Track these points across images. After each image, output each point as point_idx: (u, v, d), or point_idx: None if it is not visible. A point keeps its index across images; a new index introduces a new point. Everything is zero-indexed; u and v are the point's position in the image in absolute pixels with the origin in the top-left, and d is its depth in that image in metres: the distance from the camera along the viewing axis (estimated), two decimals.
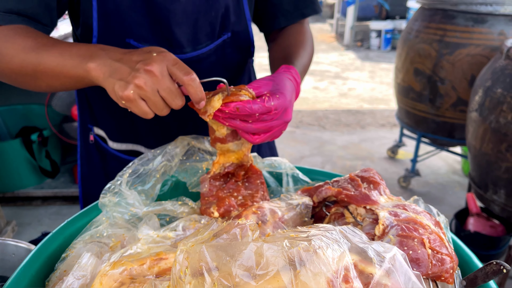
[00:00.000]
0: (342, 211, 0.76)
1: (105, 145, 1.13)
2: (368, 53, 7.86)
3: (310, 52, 1.06)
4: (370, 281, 0.48)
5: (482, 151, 2.18)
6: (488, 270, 0.62)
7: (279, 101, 0.77)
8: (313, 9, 1.10)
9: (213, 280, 0.45)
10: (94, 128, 1.14)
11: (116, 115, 1.08)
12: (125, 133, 1.11)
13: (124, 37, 0.94)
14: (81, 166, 1.21)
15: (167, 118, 1.05)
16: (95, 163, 1.17)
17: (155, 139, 1.09)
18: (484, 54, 2.59)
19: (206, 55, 0.99)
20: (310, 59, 1.05)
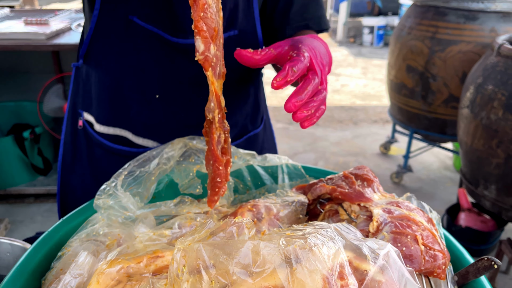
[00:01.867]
0: (336, 208, 0.77)
1: (92, 131, 1.10)
2: (361, 49, 7.88)
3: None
4: (365, 277, 0.49)
5: (473, 147, 2.20)
6: (479, 266, 0.63)
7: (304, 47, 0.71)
8: (325, 23, 1.09)
9: (211, 278, 0.46)
10: (84, 113, 1.11)
11: (107, 99, 1.05)
12: (115, 116, 1.07)
13: (127, 14, 0.93)
14: (64, 153, 1.16)
15: (157, 105, 1.03)
16: (81, 149, 1.13)
17: (143, 126, 1.06)
18: (475, 51, 2.61)
19: None
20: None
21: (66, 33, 2.65)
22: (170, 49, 0.97)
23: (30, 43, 2.46)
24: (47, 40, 2.49)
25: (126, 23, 0.94)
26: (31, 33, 2.50)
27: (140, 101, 1.03)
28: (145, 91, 1.02)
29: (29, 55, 3.08)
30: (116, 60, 1.00)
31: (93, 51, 1.01)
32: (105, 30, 0.97)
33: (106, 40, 0.98)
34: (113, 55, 1.00)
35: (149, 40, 0.96)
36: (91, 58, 1.03)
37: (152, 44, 0.96)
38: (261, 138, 1.23)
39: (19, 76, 3.16)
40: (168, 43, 0.96)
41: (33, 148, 2.85)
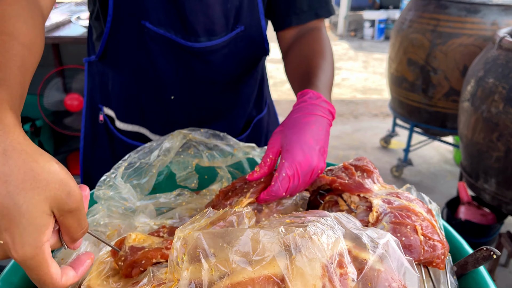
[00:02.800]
0: (336, 199, 0.77)
1: (112, 127, 1.13)
2: (362, 43, 7.85)
3: (331, 62, 0.96)
4: (364, 266, 0.49)
5: (473, 141, 2.20)
6: (478, 256, 0.63)
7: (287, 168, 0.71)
8: (328, 10, 1.05)
9: (210, 266, 0.46)
10: (104, 108, 1.14)
11: (123, 98, 1.08)
12: (133, 114, 1.11)
13: (139, 19, 0.93)
14: (84, 147, 1.19)
15: (172, 105, 1.06)
16: (103, 144, 1.16)
17: (160, 124, 1.10)
18: (476, 44, 2.60)
19: (219, 46, 0.99)
20: (332, 68, 0.95)
21: (66, 26, 2.64)
22: (183, 53, 0.98)
23: None
24: (47, 33, 2.48)
25: (139, 28, 0.95)
26: None
27: (155, 102, 1.06)
28: (160, 93, 1.04)
29: None
30: (131, 63, 1.01)
31: (109, 53, 1.03)
32: (119, 35, 0.98)
33: (121, 44, 1.00)
34: (128, 58, 1.01)
35: (162, 44, 0.97)
36: (107, 59, 1.05)
37: (165, 48, 0.98)
38: (265, 122, 1.26)
39: None
40: (181, 47, 0.97)
41: (34, 141, 2.84)
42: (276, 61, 6.05)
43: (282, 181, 0.70)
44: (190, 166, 0.95)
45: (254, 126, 1.22)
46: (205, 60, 1.00)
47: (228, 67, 1.04)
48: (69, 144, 3.30)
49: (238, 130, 1.17)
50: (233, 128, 1.15)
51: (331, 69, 0.93)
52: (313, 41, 1.00)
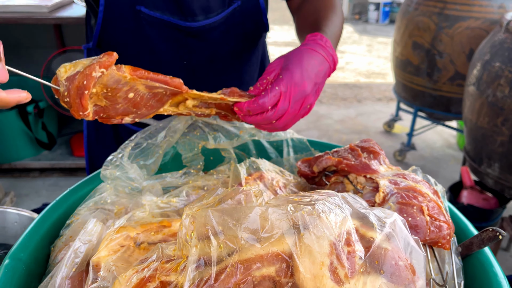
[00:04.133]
0: (342, 180, 0.78)
1: None
2: (366, 26, 7.77)
3: (340, 16, 0.95)
4: (371, 245, 0.49)
5: (478, 125, 2.19)
6: (483, 237, 0.63)
7: (282, 83, 0.70)
8: None
9: (219, 242, 0.46)
10: None
11: None
12: None
13: (134, 4, 0.92)
14: (88, 133, 1.20)
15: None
16: (105, 129, 1.16)
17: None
18: (483, 27, 2.57)
19: (217, 23, 0.98)
20: (341, 23, 0.94)
21: (68, 6, 2.62)
22: (181, 34, 0.97)
23: (32, 16, 2.44)
24: (49, 13, 2.46)
25: (134, 13, 0.93)
26: (33, 6, 2.47)
27: None
28: None
29: (32, 29, 3.05)
30: (129, 50, 1.00)
31: (105, 41, 1.01)
32: (114, 23, 0.97)
33: (117, 33, 0.98)
34: (125, 45, 1.00)
35: (160, 28, 0.95)
36: (103, 48, 1.03)
37: (163, 32, 0.96)
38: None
39: (22, 50, 3.13)
40: (178, 28, 0.96)
41: (37, 122, 2.86)
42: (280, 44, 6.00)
43: (272, 94, 0.68)
44: (196, 148, 0.95)
45: None
46: (204, 39, 0.98)
47: (228, 44, 1.02)
48: (72, 126, 3.30)
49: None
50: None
51: (340, 23, 0.92)
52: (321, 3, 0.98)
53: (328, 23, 0.87)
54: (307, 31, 0.87)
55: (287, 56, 0.76)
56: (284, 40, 6.43)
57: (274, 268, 0.47)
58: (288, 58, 0.75)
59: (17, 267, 0.63)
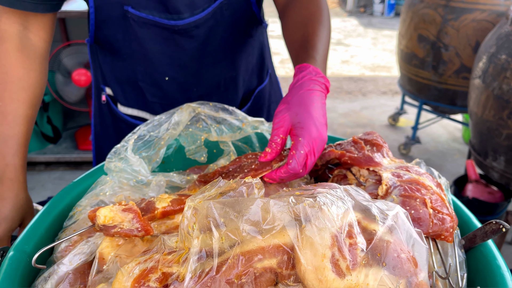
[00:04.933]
0: (345, 173, 0.77)
1: (115, 107, 1.14)
2: (371, 19, 7.72)
3: (327, 25, 0.94)
4: (373, 237, 0.49)
5: (483, 118, 2.18)
6: (487, 230, 0.63)
7: (304, 144, 0.71)
8: None
9: (221, 234, 0.47)
10: (106, 88, 1.14)
11: (123, 81, 1.08)
12: (132, 100, 1.11)
13: (122, 4, 0.93)
14: (94, 125, 1.22)
15: (169, 86, 1.05)
16: (107, 122, 1.18)
17: (160, 105, 1.09)
18: (489, 19, 2.55)
19: (204, 19, 0.97)
20: (329, 32, 0.94)
21: (72, 1, 2.62)
22: (169, 32, 0.97)
23: None
24: None
25: (122, 13, 0.94)
26: None
27: (152, 84, 1.06)
28: (155, 76, 1.04)
29: None
30: (123, 48, 1.01)
31: (99, 39, 1.02)
32: (105, 23, 0.97)
33: (108, 32, 0.99)
34: (118, 44, 1.00)
35: (147, 27, 0.96)
36: (101, 45, 1.04)
37: (151, 31, 0.96)
38: (267, 92, 1.25)
39: None
40: (165, 27, 0.96)
41: (42, 116, 2.87)
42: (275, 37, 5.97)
43: (299, 158, 0.70)
44: (199, 140, 0.95)
45: (255, 97, 1.20)
46: (192, 36, 0.98)
47: (217, 38, 1.01)
48: (77, 120, 3.32)
49: (238, 102, 1.16)
50: (234, 100, 1.14)
51: (327, 34, 0.92)
52: (308, 2, 0.96)
53: (316, 42, 0.87)
54: (296, 50, 0.89)
55: (291, 110, 0.75)
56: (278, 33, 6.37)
57: (276, 260, 0.47)
58: (295, 113, 0.75)
59: (21, 259, 0.63)
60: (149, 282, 0.47)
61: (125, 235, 0.60)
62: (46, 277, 0.61)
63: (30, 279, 0.63)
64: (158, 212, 0.65)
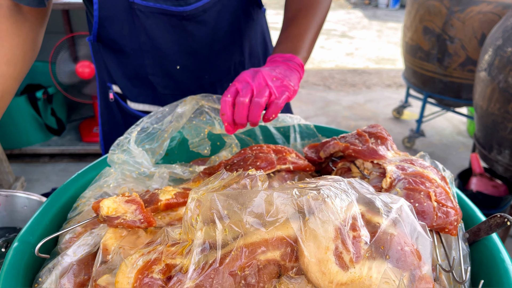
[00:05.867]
0: (349, 166, 0.77)
1: (124, 104, 1.14)
2: (376, 11, 7.67)
3: (323, 10, 0.99)
4: (377, 230, 0.49)
5: (488, 111, 2.16)
6: (491, 223, 0.63)
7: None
8: None
9: (224, 226, 0.47)
10: (113, 86, 1.14)
11: (131, 77, 1.08)
12: (142, 95, 1.10)
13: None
14: (102, 124, 1.22)
15: (180, 75, 1.05)
16: (117, 120, 1.17)
17: (172, 96, 1.09)
18: (496, 11, 2.52)
19: (211, 3, 0.97)
20: (323, 21, 0.99)
21: None
22: (177, 20, 0.96)
23: None
24: None
25: (128, 6, 0.93)
26: None
27: (163, 76, 1.05)
28: (166, 66, 1.03)
29: None
30: (130, 42, 1.00)
31: (104, 37, 1.01)
32: (110, 17, 0.96)
33: (114, 26, 0.98)
34: (125, 38, 1.00)
35: (155, 17, 0.95)
36: (105, 43, 1.03)
37: (159, 20, 0.96)
38: None
39: None
40: (173, 14, 0.95)
41: (46, 108, 2.87)
42: None
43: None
44: (203, 132, 0.95)
45: None
46: (201, 21, 0.98)
47: (225, 23, 1.02)
48: (81, 112, 3.32)
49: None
50: None
51: (317, 28, 0.96)
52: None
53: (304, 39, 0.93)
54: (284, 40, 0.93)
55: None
56: None
57: (279, 252, 0.47)
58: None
59: (26, 250, 0.64)
60: (153, 273, 0.47)
61: (128, 226, 0.60)
62: (50, 268, 0.61)
63: (34, 270, 0.64)
64: (161, 204, 0.65)
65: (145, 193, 0.69)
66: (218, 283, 0.45)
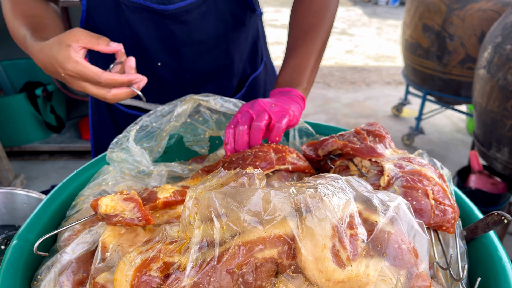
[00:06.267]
0: (347, 164, 0.77)
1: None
2: (376, 8, 7.66)
3: (322, 35, 1.00)
4: (374, 228, 0.49)
5: (488, 109, 2.17)
6: (489, 221, 0.63)
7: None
8: None
9: (222, 224, 0.47)
10: None
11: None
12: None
13: None
14: (92, 116, 1.22)
15: (161, 71, 1.05)
16: (104, 113, 1.18)
17: (153, 91, 1.09)
18: (495, 9, 2.52)
19: (194, 5, 0.96)
20: (324, 45, 1.01)
21: None
22: (160, 17, 0.97)
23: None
24: None
25: (115, 0, 0.94)
26: None
27: (144, 71, 1.05)
28: (147, 61, 1.04)
29: None
30: (113, 35, 1.00)
31: (91, 28, 1.01)
32: (97, 9, 0.97)
33: (100, 19, 0.99)
34: (109, 31, 1.00)
35: (139, 13, 0.96)
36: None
37: (142, 16, 0.96)
38: (262, 80, 1.25)
39: None
40: (156, 12, 0.95)
41: (46, 105, 2.87)
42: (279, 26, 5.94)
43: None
44: (202, 134, 0.95)
45: (250, 84, 1.20)
46: (183, 21, 0.98)
47: (210, 25, 1.01)
48: (80, 109, 3.32)
49: (233, 89, 1.16)
50: (228, 87, 1.14)
51: (317, 55, 0.99)
52: (306, 9, 1.01)
53: (306, 69, 0.96)
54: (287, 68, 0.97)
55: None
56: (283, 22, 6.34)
57: (277, 250, 0.47)
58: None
59: (25, 248, 0.64)
60: (151, 271, 0.48)
61: (126, 224, 0.60)
62: (49, 265, 0.61)
63: (33, 268, 0.64)
64: (159, 202, 0.66)
65: (143, 191, 0.69)
66: (216, 281, 0.45)
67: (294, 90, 0.90)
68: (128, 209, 0.60)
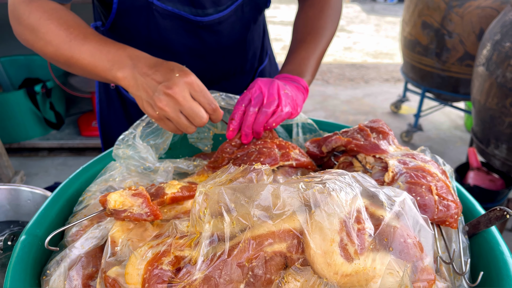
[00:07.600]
0: (350, 160, 0.78)
1: (125, 92, 1.15)
2: (374, 5, 7.66)
3: (328, 37, 1.04)
4: (381, 222, 0.50)
5: (486, 106, 2.18)
6: (491, 216, 0.64)
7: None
8: None
9: (232, 219, 0.48)
10: None
11: None
12: None
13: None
14: (100, 111, 1.22)
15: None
16: (116, 108, 1.19)
17: None
18: (494, 6, 2.53)
19: (227, 16, 1.00)
20: (329, 44, 1.05)
21: None
22: (192, 26, 0.99)
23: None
24: None
25: (147, 5, 0.94)
26: None
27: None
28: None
29: None
30: (142, 38, 1.01)
31: (118, 27, 1.02)
32: (127, 11, 0.97)
33: (130, 21, 0.99)
34: (137, 33, 1.01)
35: (171, 20, 0.97)
36: (117, 31, 1.04)
37: (174, 23, 0.98)
38: (267, 73, 1.29)
39: None
40: (189, 21, 0.97)
41: (45, 102, 2.87)
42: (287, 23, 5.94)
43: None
44: (206, 132, 0.96)
45: (256, 77, 1.23)
46: (215, 31, 1.01)
47: (236, 32, 1.06)
48: (79, 106, 3.32)
49: (245, 85, 1.20)
50: (241, 84, 1.18)
51: (322, 53, 1.03)
52: (319, 12, 1.04)
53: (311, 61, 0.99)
54: (292, 58, 0.99)
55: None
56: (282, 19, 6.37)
57: (286, 244, 0.48)
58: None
59: (33, 243, 0.65)
60: (162, 265, 0.48)
61: (134, 219, 0.61)
62: (58, 260, 0.62)
63: (42, 263, 0.65)
64: (167, 198, 0.66)
65: (150, 186, 0.70)
66: (227, 274, 0.46)
67: (302, 80, 0.93)
68: (137, 205, 0.61)
